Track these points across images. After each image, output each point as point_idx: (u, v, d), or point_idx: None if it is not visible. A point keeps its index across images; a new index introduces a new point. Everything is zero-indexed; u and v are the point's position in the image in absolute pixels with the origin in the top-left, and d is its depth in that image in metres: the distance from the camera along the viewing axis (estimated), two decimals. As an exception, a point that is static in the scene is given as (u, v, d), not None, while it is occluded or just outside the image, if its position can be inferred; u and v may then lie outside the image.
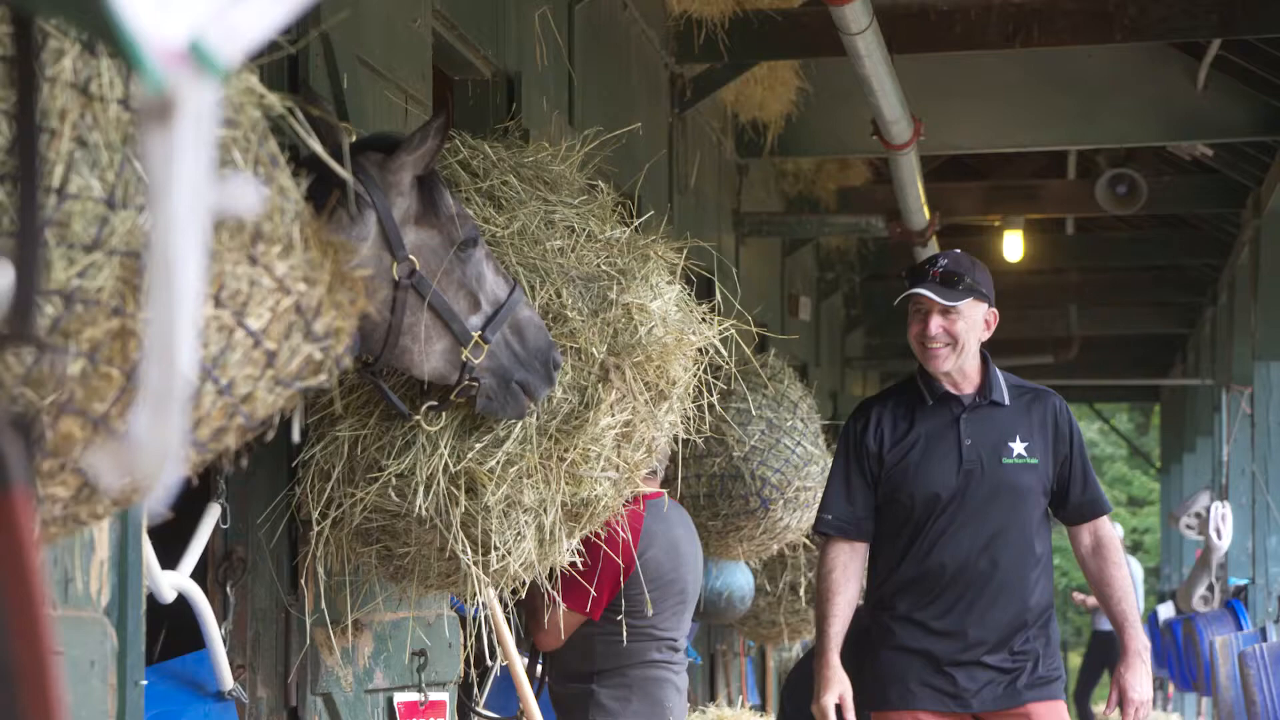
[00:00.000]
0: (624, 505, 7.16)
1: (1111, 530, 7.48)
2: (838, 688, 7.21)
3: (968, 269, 7.22)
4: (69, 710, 4.10)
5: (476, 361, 5.21)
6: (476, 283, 5.25)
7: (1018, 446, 7.25)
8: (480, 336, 5.21)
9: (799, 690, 10.21)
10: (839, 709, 7.14)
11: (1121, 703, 7.24)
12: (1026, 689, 7.24)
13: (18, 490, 1.26)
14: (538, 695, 7.71)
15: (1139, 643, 7.27)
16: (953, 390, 7.34)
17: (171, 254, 1.27)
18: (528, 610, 7.63)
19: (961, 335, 7.17)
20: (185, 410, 1.34)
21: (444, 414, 5.63)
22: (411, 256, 5.09)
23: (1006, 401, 7.32)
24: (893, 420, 7.43)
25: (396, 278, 5.03)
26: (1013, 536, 7.23)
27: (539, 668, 7.85)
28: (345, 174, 4.87)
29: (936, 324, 7.16)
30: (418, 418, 5.60)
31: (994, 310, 7.32)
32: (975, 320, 7.22)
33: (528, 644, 7.83)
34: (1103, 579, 7.37)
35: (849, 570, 7.37)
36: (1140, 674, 7.22)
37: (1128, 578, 7.41)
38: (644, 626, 7.73)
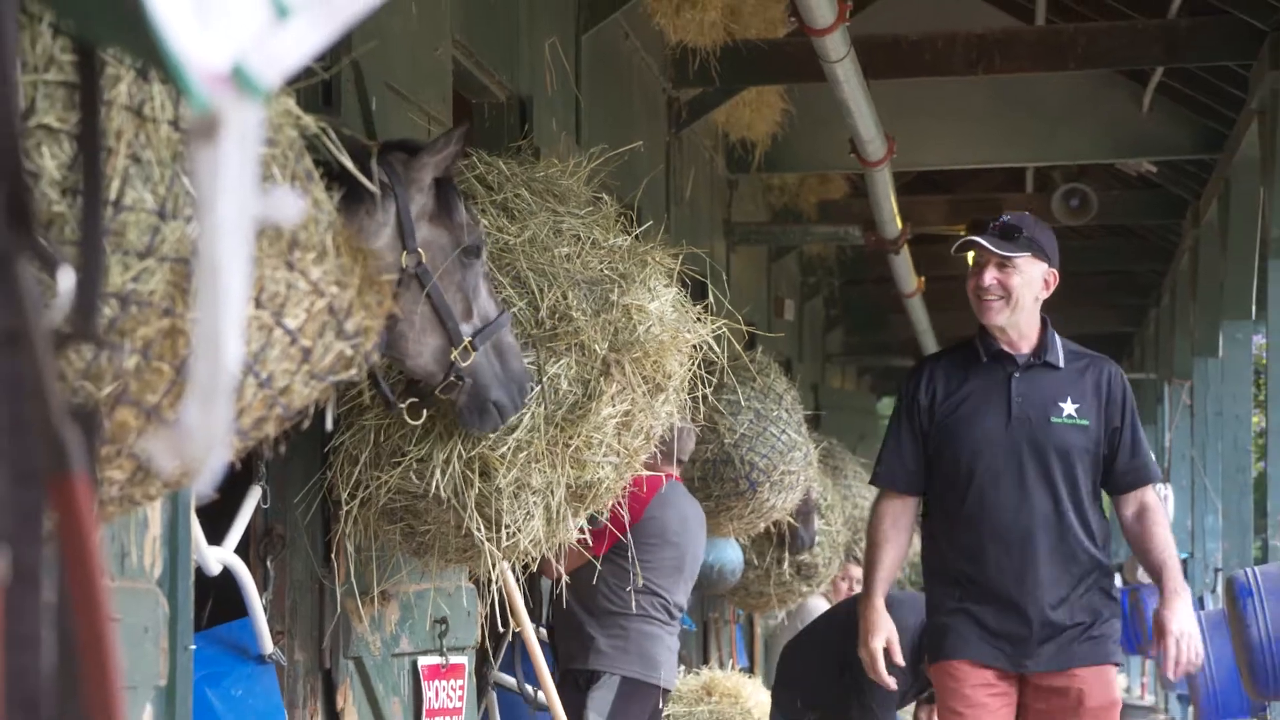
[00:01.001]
0: (649, 477, 7.47)
1: (1155, 497, 6.92)
2: (884, 631, 6.92)
3: (1029, 226, 6.80)
4: (124, 672, 4.10)
5: (464, 365, 5.18)
6: (472, 293, 5.23)
7: (1068, 407, 6.74)
8: (470, 343, 5.19)
9: (801, 653, 10.20)
10: (887, 652, 6.90)
11: (1163, 637, 6.63)
12: (1078, 651, 6.71)
13: (78, 474, 1.25)
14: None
15: (1177, 584, 6.68)
16: (1008, 349, 6.83)
17: (216, 260, 1.26)
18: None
19: (1016, 289, 6.71)
20: (229, 401, 1.34)
21: (425, 410, 5.60)
22: (420, 250, 5.08)
23: (1061, 364, 6.83)
24: (946, 376, 6.93)
25: (404, 265, 5.02)
26: (1063, 495, 6.70)
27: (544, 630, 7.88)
28: (373, 188, 4.88)
29: (991, 276, 6.71)
30: (401, 407, 5.58)
31: (1054, 271, 6.88)
32: (1032, 277, 6.76)
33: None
34: (1147, 535, 6.77)
35: (899, 522, 6.99)
36: (1178, 609, 6.60)
37: (1170, 536, 6.86)
38: (642, 576, 7.79)
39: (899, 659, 7.22)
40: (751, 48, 12.09)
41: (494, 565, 6.11)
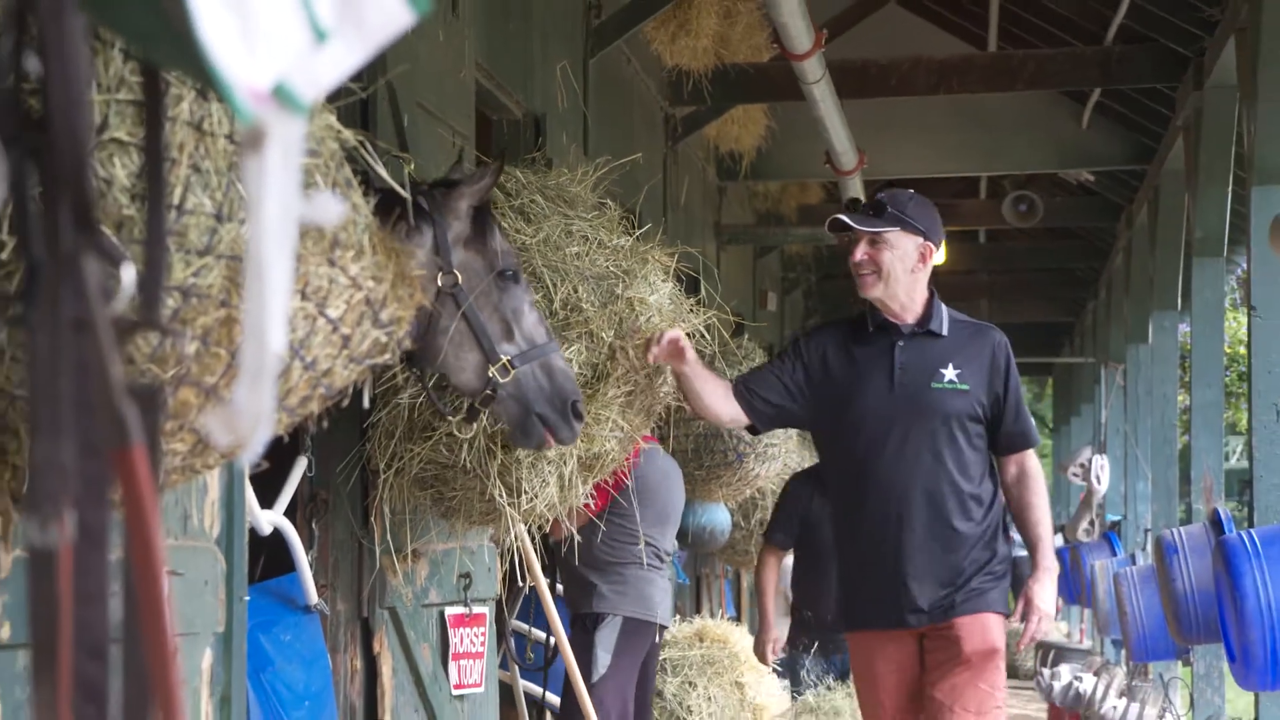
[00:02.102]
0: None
1: (1036, 463, 6.42)
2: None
3: (899, 202, 6.24)
4: (187, 620, 4.09)
5: (502, 381, 5.15)
6: (513, 315, 5.19)
7: (949, 373, 6.19)
8: (508, 361, 5.15)
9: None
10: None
11: (1027, 610, 6.16)
12: (960, 604, 6.17)
13: (137, 446, 1.24)
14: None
15: (1049, 561, 6.21)
16: (893, 319, 6.28)
17: (263, 256, 1.25)
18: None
19: (887, 264, 6.19)
20: (275, 382, 1.33)
21: (473, 425, 5.60)
22: (457, 271, 5.06)
23: (945, 333, 6.28)
24: (836, 343, 6.37)
25: (440, 285, 5.00)
26: (946, 458, 6.18)
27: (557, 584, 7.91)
28: (404, 193, 4.87)
29: (862, 251, 6.19)
30: (452, 420, 5.58)
31: (930, 244, 6.29)
32: (904, 250, 6.22)
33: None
34: (1023, 504, 6.29)
35: (723, 388, 6.20)
36: (1047, 587, 6.16)
37: (1046, 506, 6.37)
38: (634, 529, 7.87)
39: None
40: (739, 71, 12.09)
41: (512, 526, 6.11)
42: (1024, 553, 20.77)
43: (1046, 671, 15.79)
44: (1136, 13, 12.60)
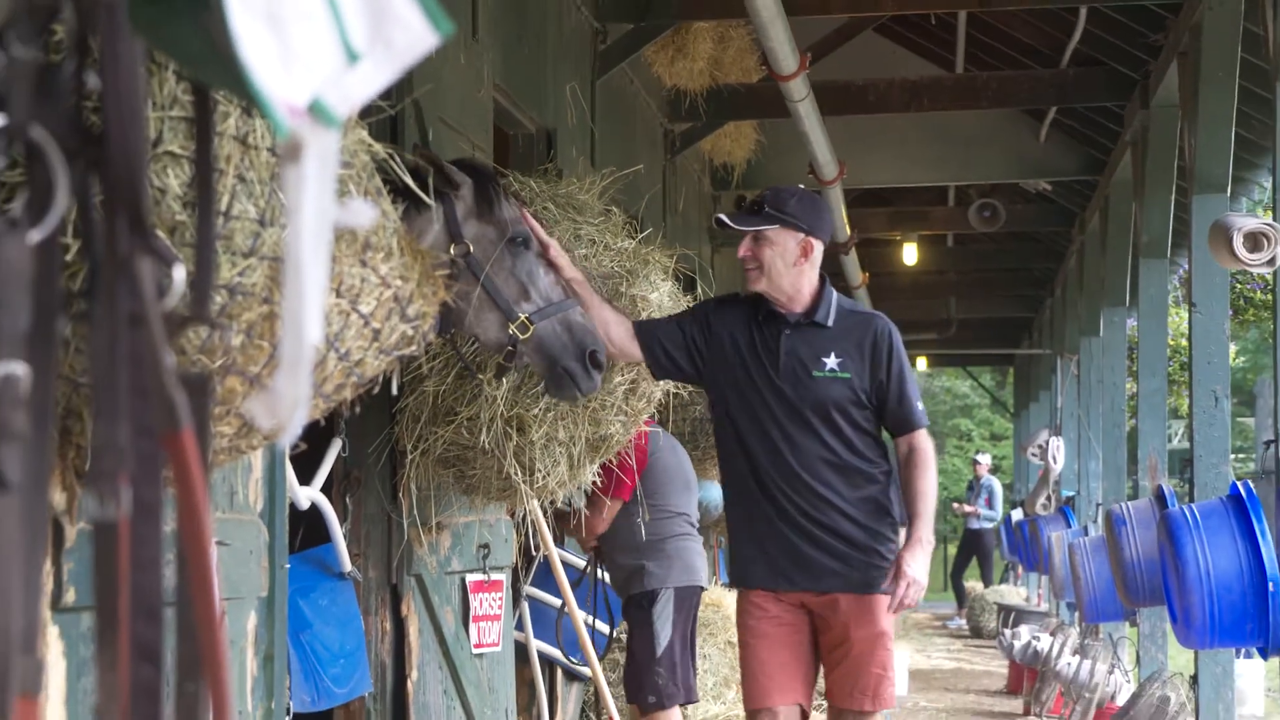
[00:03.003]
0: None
1: (924, 444, 5.91)
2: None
3: (783, 201, 5.89)
4: (233, 585, 4.09)
5: (522, 337, 5.14)
6: (527, 278, 5.17)
7: (830, 361, 5.82)
8: (526, 319, 5.14)
9: None
10: None
11: (896, 576, 5.66)
12: (842, 584, 5.82)
13: (187, 429, 1.24)
14: (588, 586, 7.79)
15: (924, 534, 5.73)
16: (781, 310, 5.89)
17: (300, 258, 1.24)
18: (591, 508, 7.60)
19: (767, 260, 5.83)
20: (314, 371, 1.33)
21: (504, 379, 5.59)
22: (469, 243, 5.06)
23: (829, 323, 5.88)
24: (738, 321, 6.00)
25: (452, 255, 5.00)
26: (827, 440, 5.83)
27: (595, 568, 7.89)
28: (429, 200, 4.87)
29: (745, 247, 5.87)
30: (481, 377, 5.58)
31: (812, 240, 5.87)
32: (785, 247, 5.83)
33: (586, 544, 7.87)
34: (907, 481, 5.84)
35: (615, 317, 5.83)
36: (918, 556, 5.67)
37: (929, 484, 5.87)
38: (664, 506, 7.81)
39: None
40: (731, 90, 12.09)
41: (527, 502, 6.11)
42: (989, 525, 20.67)
43: (1008, 632, 15.83)
44: (1089, 39, 12.64)
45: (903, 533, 5.92)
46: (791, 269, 5.86)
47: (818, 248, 5.90)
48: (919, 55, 15.56)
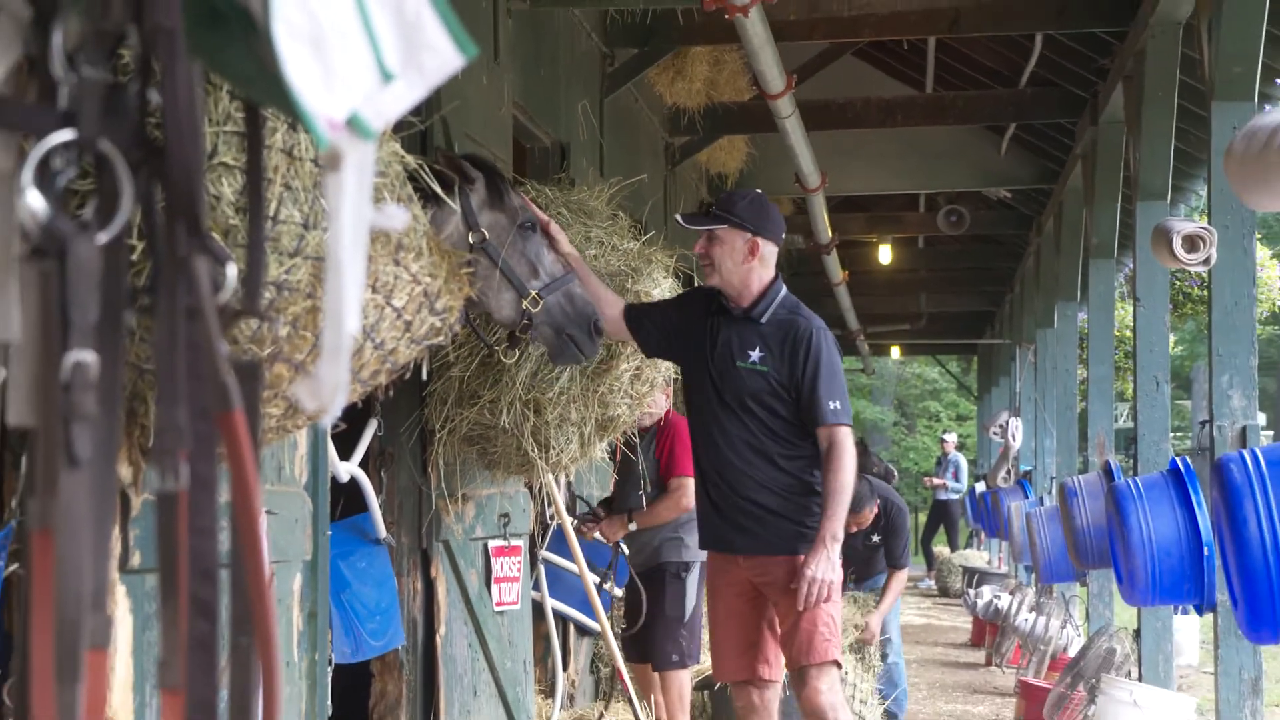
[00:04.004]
0: (668, 414, 7.62)
1: (838, 439, 5.59)
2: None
3: (732, 204, 5.77)
4: (280, 550, 4.09)
5: (534, 310, 5.13)
6: (535, 258, 5.17)
7: (754, 355, 5.64)
8: (537, 294, 5.13)
9: None
10: None
11: (798, 578, 5.48)
12: (763, 546, 5.63)
13: (239, 411, 1.23)
14: (610, 554, 7.80)
15: (826, 532, 5.47)
16: (730, 304, 5.76)
17: (339, 257, 1.24)
18: (672, 495, 7.53)
19: (716, 257, 5.69)
20: (352, 359, 1.33)
21: (516, 350, 5.57)
22: (485, 230, 5.06)
23: (763, 320, 5.70)
24: (700, 309, 5.86)
25: (471, 242, 5.00)
26: (749, 424, 5.64)
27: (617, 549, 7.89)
28: (454, 205, 4.86)
29: (700, 246, 5.75)
30: (498, 350, 5.57)
31: (759, 240, 5.71)
32: (733, 246, 5.69)
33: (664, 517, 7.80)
34: (824, 475, 5.60)
35: (610, 297, 5.79)
36: (819, 555, 5.46)
37: (840, 482, 5.53)
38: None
39: None
40: (725, 107, 12.07)
41: (542, 476, 6.11)
42: (955, 496, 20.54)
43: (971, 591, 15.83)
44: (1045, 62, 12.64)
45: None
46: (740, 266, 5.71)
47: (765, 247, 5.74)
48: (893, 77, 15.54)
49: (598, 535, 7.79)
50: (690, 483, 6.90)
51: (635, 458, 7.40)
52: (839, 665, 5.66)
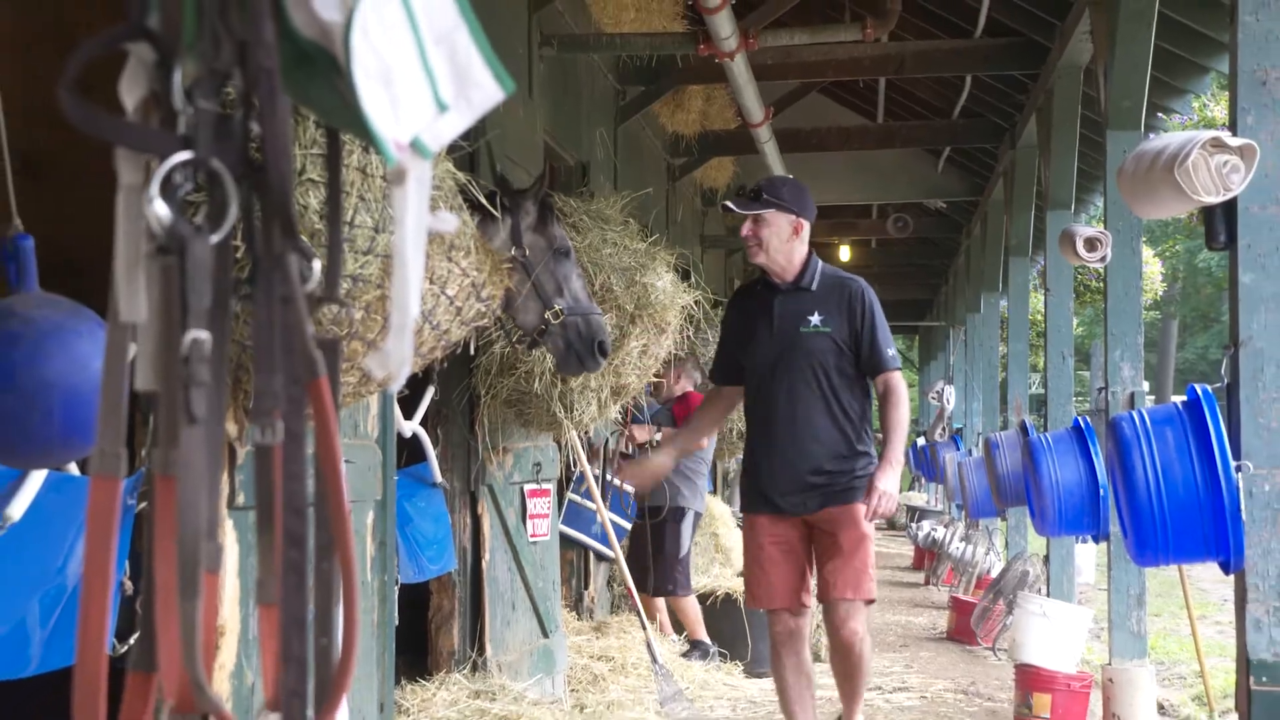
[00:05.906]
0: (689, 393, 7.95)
1: (896, 383, 5.31)
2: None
3: (776, 188, 5.44)
4: (356, 491, 4.09)
5: (553, 324, 5.13)
6: (564, 281, 5.15)
7: (815, 319, 5.33)
8: (560, 310, 5.12)
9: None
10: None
11: (869, 491, 5.13)
12: (827, 500, 5.31)
13: (323, 379, 1.23)
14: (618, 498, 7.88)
15: (893, 455, 5.15)
16: (776, 280, 5.43)
17: (405, 255, 1.24)
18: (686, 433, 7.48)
19: (765, 237, 5.36)
20: (414, 338, 1.34)
21: (533, 351, 5.56)
22: (526, 248, 5.05)
23: (814, 288, 5.40)
24: (745, 301, 5.56)
25: (513, 254, 4.99)
26: (813, 385, 5.33)
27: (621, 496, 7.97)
28: (497, 214, 4.85)
29: (746, 228, 5.39)
30: (519, 347, 5.56)
31: (802, 220, 5.42)
32: (779, 227, 5.37)
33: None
34: (883, 414, 5.26)
35: (717, 405, 5.72)
36: (887, 473, 5.13)
37: (900, 415, 5.24)
38: (705, 451, 8.28)
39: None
40: (716, 134, 12.05)
41: (567, 433, 6.11)
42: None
43: (914, 525, 15.84)
44: (974, 98, 12.63)
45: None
46: (786, 244, 5.41)
47: (806, 227, 5.46)
48: (850, 109, 15.49)
49: (633, 435, 7.97)
50: None
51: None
52: (873, 602, 5.36)
